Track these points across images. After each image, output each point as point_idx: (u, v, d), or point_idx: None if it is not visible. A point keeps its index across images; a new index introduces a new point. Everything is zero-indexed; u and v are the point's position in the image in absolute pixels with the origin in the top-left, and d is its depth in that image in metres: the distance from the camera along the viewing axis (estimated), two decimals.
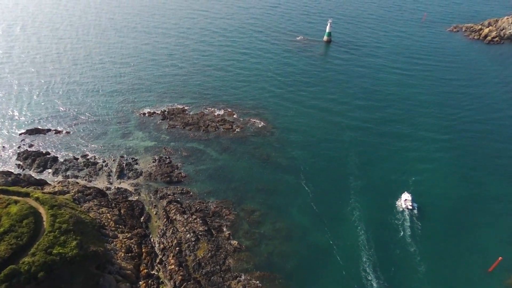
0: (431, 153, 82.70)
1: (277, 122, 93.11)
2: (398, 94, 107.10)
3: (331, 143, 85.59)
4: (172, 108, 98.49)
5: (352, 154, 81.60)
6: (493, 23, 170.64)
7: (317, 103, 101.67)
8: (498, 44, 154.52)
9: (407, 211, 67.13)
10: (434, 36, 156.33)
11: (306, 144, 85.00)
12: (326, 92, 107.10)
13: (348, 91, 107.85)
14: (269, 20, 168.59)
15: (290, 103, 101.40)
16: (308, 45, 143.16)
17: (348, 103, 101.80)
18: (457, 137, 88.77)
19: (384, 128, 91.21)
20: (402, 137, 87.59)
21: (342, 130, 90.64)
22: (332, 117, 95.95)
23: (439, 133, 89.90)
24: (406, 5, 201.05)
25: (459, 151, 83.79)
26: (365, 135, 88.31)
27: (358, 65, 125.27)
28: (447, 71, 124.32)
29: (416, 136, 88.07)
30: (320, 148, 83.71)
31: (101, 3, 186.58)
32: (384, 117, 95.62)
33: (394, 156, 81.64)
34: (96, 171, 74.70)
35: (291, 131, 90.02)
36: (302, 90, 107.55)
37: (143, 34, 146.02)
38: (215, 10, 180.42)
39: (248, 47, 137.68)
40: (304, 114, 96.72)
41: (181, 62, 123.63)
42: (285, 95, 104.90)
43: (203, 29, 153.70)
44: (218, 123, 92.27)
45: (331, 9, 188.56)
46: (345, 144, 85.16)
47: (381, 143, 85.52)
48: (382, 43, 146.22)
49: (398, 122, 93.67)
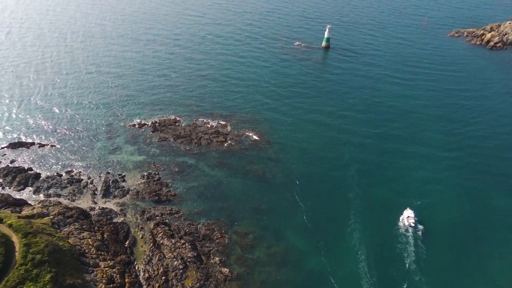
0: (436, 171, 78.94)
1: (272, 136, 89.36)
2: (400, 106, 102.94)
3: (329, 158, 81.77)
4: (163, 120, 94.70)
5: (352, 171, 77.83)
6: (495, 28, 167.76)
7: (315, 115, 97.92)
8: (501, 50, 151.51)
9: (410, 229, 63.69)
10: (436, 42, 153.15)
11: (304, 160, 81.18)
12: (324, 104, 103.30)
13: (348, 102, 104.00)
14: (265, 26, 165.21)
15: (287, 115, 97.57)
16: (306, 52, 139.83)
17: (347, 116, 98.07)
18: (464, 154, 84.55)
19: (386, 143, 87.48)
20: (405, 153, 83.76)
21: (341, 144, 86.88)
22: (330, 130, 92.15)
23: (444, 149, 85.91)
24: (406, 9, 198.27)
25: (465, 169, 79.94)
26: (365, 151, 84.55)
27: (358, 74, 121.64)
28: (451, 80, 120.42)
29: (420, 152, 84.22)
30: (318, 164, 79.88)
31: (92, 8, 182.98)
32: (385, 131, 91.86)
33: (397, 173, 77.88)
34: (80, 189, 70.75)
35: (287, 145, 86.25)
36: (299, 101, 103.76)
37: (134, 41, 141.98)
38: (210, 15, 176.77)
39: (244, 54, 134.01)
40: (301, 127, 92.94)
41: (173, 71, 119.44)
42: (281, 107, 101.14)
43: (197, 36, 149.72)
44: (211, 136, 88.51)
45: (330, 13, 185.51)
46: (345, 160, 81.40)
47: (382, 160, 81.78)
48: (382, 49, 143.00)
49: (400, 136, 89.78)
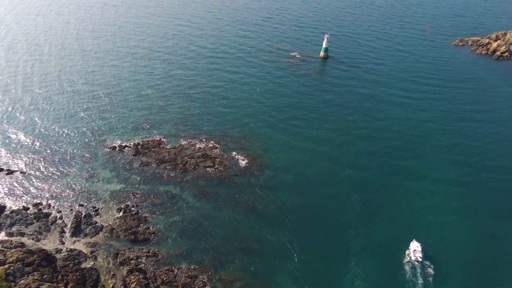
0: (445, 200, 72.25)
1: (265, 158, 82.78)
2: (404, 124, 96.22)
3: (327, 188, 74.93)
4: (147, 141, 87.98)
5: (352, 200, 71.21)
6: (501, 36, 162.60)
7: (312, 134, 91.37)
8: (508, 60, 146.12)
9: (418, 266, 57.39)
10: (440, 53, 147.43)
11: (299, 189, 74.48)
12: (322, 121, 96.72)
13: (347, 124, 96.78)
14: (260, 35, 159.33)
15: (282, 134, 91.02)
16: (303, 63, 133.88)
17: (347, 135, 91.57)
18: (476, 179, 77.57)
19: (389, 166, 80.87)
20: (410, 179, 77.05)
21: (340, 168, 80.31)
22: (329, 151, 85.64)
23: (455, 175, 78.88)
24: (408, 17, 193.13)
25: (478, 197, 73.21)
26: (366, 176, 77.95)
27: (358, 87, 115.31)
28: (458, 94, 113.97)
29: (427, 178, 77.52)
30: (314, 195, 73.10)
31: (83, 16, 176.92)
32: (389, 153, 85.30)
33: (402, 203, 71.23)
34: (48, 226, 63.75)
35: (281, 169, 79.66)
36: (295, 118, 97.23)
37: (117, 55, 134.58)
38: (201, 24, 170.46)
39: (236, 66, 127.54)
40: (297, 148, 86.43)
41: (161, 85, 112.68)
42: (276, 125, 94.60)
43: (186, 48, 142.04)
44: (198, 159, 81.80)
45: (328, 21, 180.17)
46: (344, 187, 74.76)
47: (385, 187, 75.15)
48: (383, 59, 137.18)
49: (405, 159, 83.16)
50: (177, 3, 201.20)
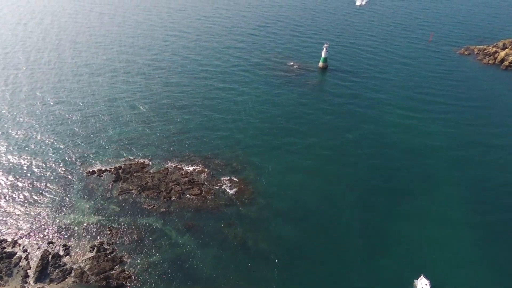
0: (457, 233, 65.93)
1: (258, 184, 76.51)
2: (410, 146, 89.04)
3: (326, 215, 68.86)
4: (129, 164, 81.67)
5: (354, 232, 64.92)
6: (508, 44, 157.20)
7: (309, 156, 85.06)
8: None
9: None
10: (445, 62, 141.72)
11: (294, 218, 68.27)
12: (321, 142, 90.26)
13: (349, 144, 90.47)
14: (255, 44, 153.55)
15: (275, 159, 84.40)
16: (301, 74, 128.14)
17: (348, 158, 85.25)
18: (491, 213, 70.40)
19: (395, 195, 74.46)
20: (417, 209, 70.72)
21: (340, 196, 74.05)
22: (327, 180, 78.99)
23: (468, 209, 71.97)
24: (410, 24, 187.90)
25: (493, 233, 66.78)
26: (369, 204, 71.64)
27: (359, 104, 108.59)
28: (468, 112, 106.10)
29: (436, 209, 71.05)
30: (312, 224, 66.96)
31: (66, 24, 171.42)
32: (394, 179, 78.88)
33: (408, 235, 64.90)
34: (10, 269, 57.24)
35: (275, 197, 73.36)
36: (290, 142, 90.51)
37: (104, 65, 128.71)
38: (192, 34, 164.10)
39: (229, 80, 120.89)
40: (291, 175, 79.91)
41: (146, 102, 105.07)
42: (270, 146, 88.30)
43: (175, 59, 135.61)
44: (184, 186, 75.45)
45: (327, 29, 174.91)
46: (344, 218, 68.44)
47: (390, 217, 68.84)
48: (385, 71, 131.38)
49: (411, 187, 76.45)
50: (167, 11, 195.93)
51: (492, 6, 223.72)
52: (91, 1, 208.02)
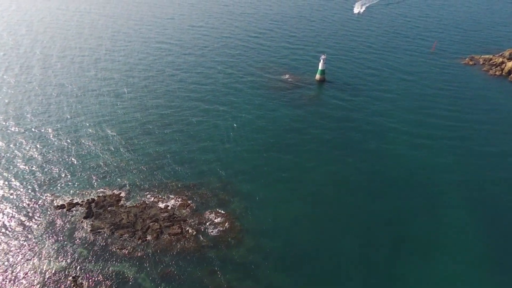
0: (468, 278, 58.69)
1: (246, 219, 69.30)
2: (415, 173, 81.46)
3: (323, 259, 61.50)
4: (103, 196, 74.30)
5: (355, 280, 57.47)
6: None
7: (303, 189, 77.55)
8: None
9: None
10: (450, 75, 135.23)
11: (287, 263, 60.91)
12: (316, 171, 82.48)
13: (347, 163, 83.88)
14: (247, 55, 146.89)
15: (266, 188, 77.15)
16: (297, 88, 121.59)
17: (347, 186, 78.16)
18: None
19: (400, 231, 67.30)
20: (427, 254, 63.31)
21: (340, 233, 66.83)
22: (325, 208, 72.19)
23: (483, 251, 65.18)
24: (411, 32, 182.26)
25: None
26: (372, 245, 64.35)
27: (360, 122, 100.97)
28: (479, 132, 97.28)
29: (448, 254, 63.64)
30: (308, 271, 59.51)
31: (54, 32, 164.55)
32: (399, 211, 71.67)
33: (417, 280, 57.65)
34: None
35: (266, 235, 66.11)
36: (283, 168, 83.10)
37: (86, 78, 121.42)
38: (178, 43, 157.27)
39: (219, 96, 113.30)
40: (286, 204, 73.03)
41: (124, 124, 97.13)
42: (259, 176, 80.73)
43: (159, 73, 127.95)
44: (163, 223, 68.07)
45: (324, 38, 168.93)
46: (344, 260, 61.22)
47: (396, 260, 61.52)
48: (387, 85, 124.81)
49: (419, 223, 68.99)
50: (153, 20, 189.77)
51: (496, 14, 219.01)
52: (68, 10, 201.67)
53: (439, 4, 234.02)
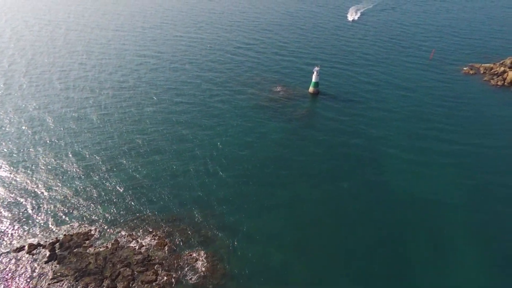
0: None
1: (233, 260, 61.88)
2: (417, 202, 74.20)
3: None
4: (70, 235, 66.51)
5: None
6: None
7: (297, 217, 70.58)
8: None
9: None
10: (451, 86, 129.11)
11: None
12: (311, 195, 75.74)
13: (343, 190, 76.95)
14: (237, 67, 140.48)
15: (256, 216, 70.16)
16: (289, 101, 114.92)
17: (344, 216, 70.94)
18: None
19: (402, 270, 60.20)
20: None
21: (337, 274, 59.52)
22: (319, 244, 64.92)
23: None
24: (408, 40, 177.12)
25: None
26: (370, 281, 57.30)
27: (356, 142, 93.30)
28: (486, 154, 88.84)
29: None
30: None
31: (26, 43, 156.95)
32: (399, 246, 64.61)
33: None
34: None
35: (252, 279, 58.77)
36: (272, 196, 75.63)
37: (53, 93, 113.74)
38: (165, 53, 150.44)
39: (203, 115, 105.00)
40: (276, 239, 65.69)
41: (98, 147, 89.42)
42: (249, 202, 73.68)
43: (142, 86, 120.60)
44: (136, 268, 60.41)
45: (317, 48, 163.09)
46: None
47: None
48: (384, 98, 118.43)
49: (420, 258, 62.08)
50: (140, 28, 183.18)
51: (494, 20, 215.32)
52: (43, 20, 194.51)
53: (435, 10, 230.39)
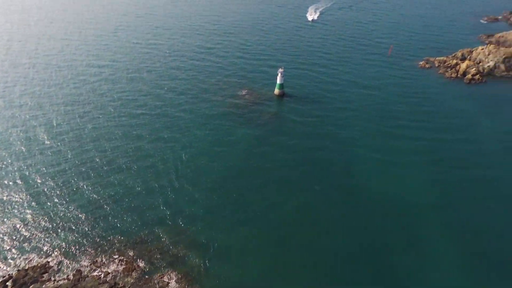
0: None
1: (207, 279, 58.94)
2: (391, 207, 73.77)
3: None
4: (24, 269, 60.33)
5: None
6: (467, 54, 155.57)
7: (273, 227, 68.75)
8: (480, 83, 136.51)
9: None
10: (410, 81, 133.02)
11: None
12: (285, 202, 73.95)
13: (315, 192, 76.24)
14: (199, 73, 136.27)
15: (229, 231, 67.66)
16: (255, 105, 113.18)
17: (319, 223, 69.97)
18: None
19: (384, 279, 60.25)
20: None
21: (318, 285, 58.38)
22: (299, 255, 63.48)
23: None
24: (366, 37, 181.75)
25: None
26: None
27: (325, 143, 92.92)
28: (450, 150, 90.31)
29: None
30: None
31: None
32: (380, 254, 64.65)
33: None
34: None
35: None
36: (247, 201, 73.95)
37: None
38: (117, 62, 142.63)
39: (165, 123, 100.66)
40: (253, 254, 63.53)
41: (50, 166, 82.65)
42: (220, 216, 70.85)
43: (96, 97, 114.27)
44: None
45: (280, 49, 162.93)
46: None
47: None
48: (348, 97, 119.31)
49: (401, 266, 62.13)
50: (93, 33, 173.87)
51: (446, 16, 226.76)
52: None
53: (390, 7, 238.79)
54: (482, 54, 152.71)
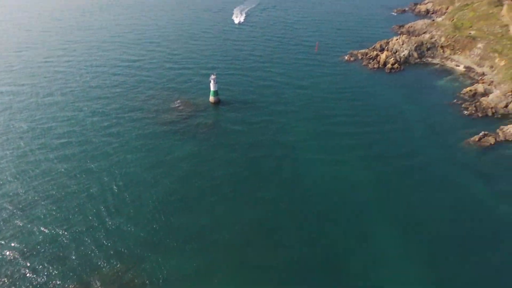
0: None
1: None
2: (341, 207, 73.96)
3: None
4: None
5: None
6: (384, 45, 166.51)
7: (225, 252, 64.11)
8: (399, 72, 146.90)
9: None
10: (339, 76, 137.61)
11: None
12: (235, 221, 69.63)
13: (266, 201, 73.50)
14: (126, 87, 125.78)
15: (176, 262, 61.61)
16: (190, 116, 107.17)
17: (272, 238, 67.27)
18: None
19: (337, 275, 59.36)
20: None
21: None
22: (253, 276, 59.78)
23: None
24: (292, 35, 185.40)
25: None
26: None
27: (267, 148, 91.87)
28: (389, 141, 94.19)
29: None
30: None
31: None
32: (336, 259, 63.94)
33: None
34: None
35: None
36: (193, 226, 68.26)
37: None
38: (28, 83, 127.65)
39: (88, 149, 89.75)
40: (203, 282, 58.13)
41: None
42: (163, 251, 64.10)
43: (5, 127, 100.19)
44: None
45: (209, 54, 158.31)
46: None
47: None
48: (283, 98, 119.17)
49: (354, 264, 62.35)
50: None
51: (364, 11, 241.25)
52: None
53: (310, 5, 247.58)
54: (397, 44, 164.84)
